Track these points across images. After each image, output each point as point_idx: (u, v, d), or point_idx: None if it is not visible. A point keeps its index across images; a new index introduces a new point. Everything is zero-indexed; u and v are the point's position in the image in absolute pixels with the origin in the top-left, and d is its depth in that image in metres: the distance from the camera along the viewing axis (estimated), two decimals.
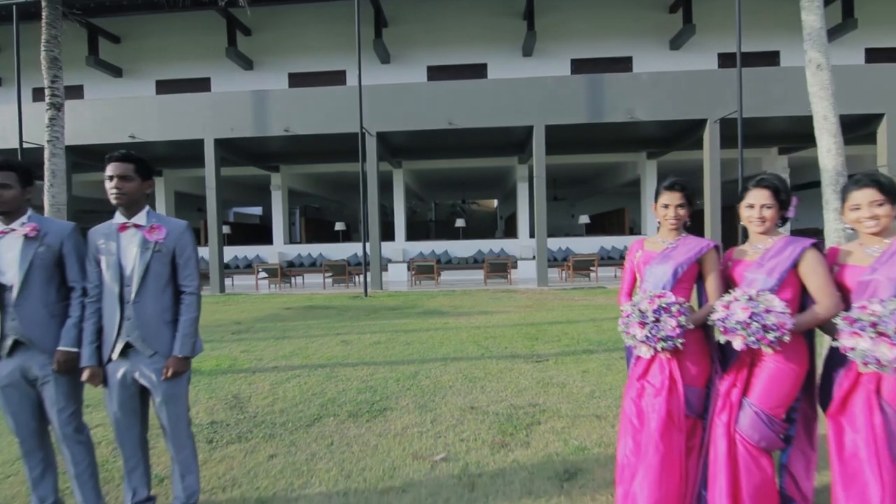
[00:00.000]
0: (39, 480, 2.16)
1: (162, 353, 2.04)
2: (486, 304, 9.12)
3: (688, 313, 1.91)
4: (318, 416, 3.49)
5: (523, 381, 4.21)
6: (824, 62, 4.26)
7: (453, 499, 2.37)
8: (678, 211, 2.08)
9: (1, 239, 2.02)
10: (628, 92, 11.57)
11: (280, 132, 11.90)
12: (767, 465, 1.88)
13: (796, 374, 1.86)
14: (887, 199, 1.76)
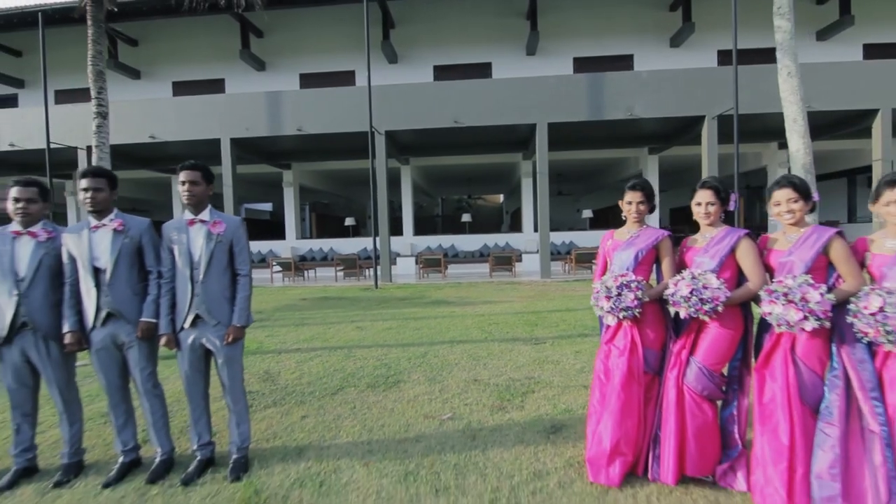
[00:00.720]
0: (123, 428, 2.68)
1: (223, 322, 2.54)
2: (490, 295, 9.60)
3: (644, 289, 2.37)
4: (340, 387, 4.00)
5: (521, 360, 4.69)
6: (794, 69, 4.64)
7: (458, 447, 2.86)
8: (639, 207, 2.54)
9: (94, 232, 2.53)
10: (628, 90, 11.93)
11: (293, 131, 12.40)
12: (709, 410, 2.35)
13: (732, 338, 2.32)
14: (801, 196, 2.22)
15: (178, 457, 2.76)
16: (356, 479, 2.52)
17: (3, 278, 2.48)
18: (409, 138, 13.48)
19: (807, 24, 14.65)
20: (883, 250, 2.10)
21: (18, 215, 2.54)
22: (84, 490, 2.49)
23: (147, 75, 16.25)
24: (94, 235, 2.53)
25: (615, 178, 19.33)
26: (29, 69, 16.38)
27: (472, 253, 15.66)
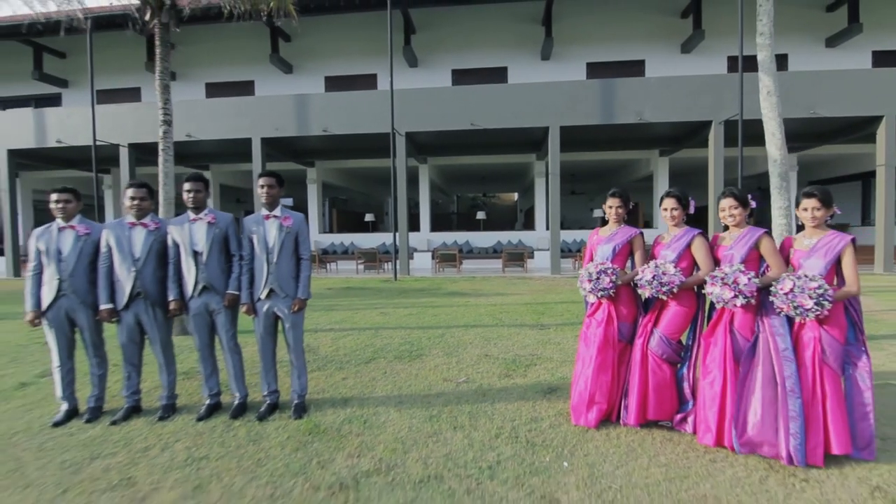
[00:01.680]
0: (210, 377, 3.43)
1: (290, 295, 3.27)
2: (502, 288, 10.27)
3: (618, 275, 3.04)
4: (372, 358, 4.73)
5: (527, 341, 5.38)
6: (774, 89, 5.21)
7: (471, 400, 3.56)
8: (618, 210, 3.20)
9: (193, 224, 3.28)
10: (638, 95, 12.46)
11: (319, 132, 13.19)
12: (667, 370, 3.01)
13: (686, 314, 2.98)
14: (740, 204, 2.86)
15: (250, 403, 3.50)
16: (392, 419, 3.24)
17: (124, 259, 3.24)
18: (427, 139, 14.19)
19: (816, 31, 15.01)
20: (801, 246, 2.75)
21: (133, 210, 3.30)
22: (182, 423, 3.25)
23: (182, 77, 17.19)
24: (193, 226, 3.28)
25: (627, 179, 19.81)
26: (72, 70, 17.46)
27: (486, 249, 16.33)
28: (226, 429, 3.14)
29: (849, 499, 2.24)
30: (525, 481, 2.43)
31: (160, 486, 2.46)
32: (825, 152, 15.82)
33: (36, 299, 3.26)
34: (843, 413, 2.55)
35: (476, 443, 2.87)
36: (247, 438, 2.99)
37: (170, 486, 2.45)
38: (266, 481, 2.48)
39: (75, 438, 3.05)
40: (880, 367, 4.30)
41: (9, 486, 2.49)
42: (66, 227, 3.28)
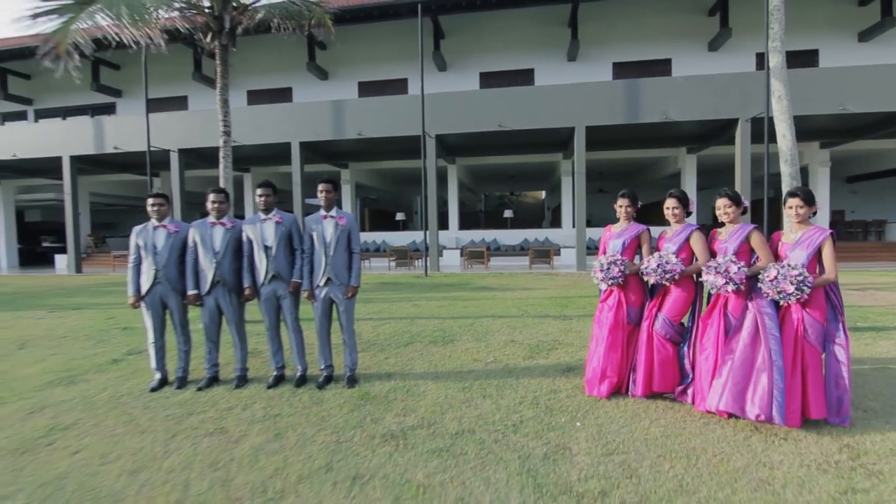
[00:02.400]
0: (276, 353, 4.05)
1: (344, 283, 3.84)
2: (528, 283, 10.71)
3: (626, 265, 3.49)
4: (409, 342, 5.29)
5: (550, 329, 5.84)
6: (784, 93, 5.48)
7: (498, 376, 4.07)
8: (627, 209, 3.65)
9: (264, 223, 3.90)
10: (664, 95, 12.65)
11: (354, 135, 13.88)
12: (670, 349, 3.44)
13: (686, 299, 3.41)
14: (734, 203, 3.27)
15: (308, 376, 4.11)
16: (430, 389, 3.78)
17: (206, 252, 3.88)
18: (456, 141, 14.71)
19: (848, 25, 14.80)
20: (787, 240, 3.15)
21: (214, 211, 3.94)
22: (255, 390, 3.88)
23: None
24: (264, 225, 3.89)
25: (655, 177, 19.85)
26: (125, 80, 18.74)
27: (513, 247, 16.75)
28: (292, 395, 3.75)
29: (819, 452, 2.65)
30: (543, 435, 2.93)
31: (247, 433, 3.07)
32: (859, 147, 15.57)
33: (136, 286, 3.93)
34: (821, 383, 2.95)
35: (502, 407, 3.38)
36: (310, 402, 3.58)
37: (255, 434, 3.05)
38: (331, 431, 3.05)
39: (171, 400, 3.71)
40: (885, 353, 4.58)
41: (128, 433, 3.14)
42: (159, 226, 3.95)
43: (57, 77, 6.34)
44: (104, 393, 3.91)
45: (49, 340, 5.93)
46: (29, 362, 4.94)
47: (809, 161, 16.18)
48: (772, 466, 2.50)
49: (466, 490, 2.33)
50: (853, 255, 15.31)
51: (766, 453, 2.65)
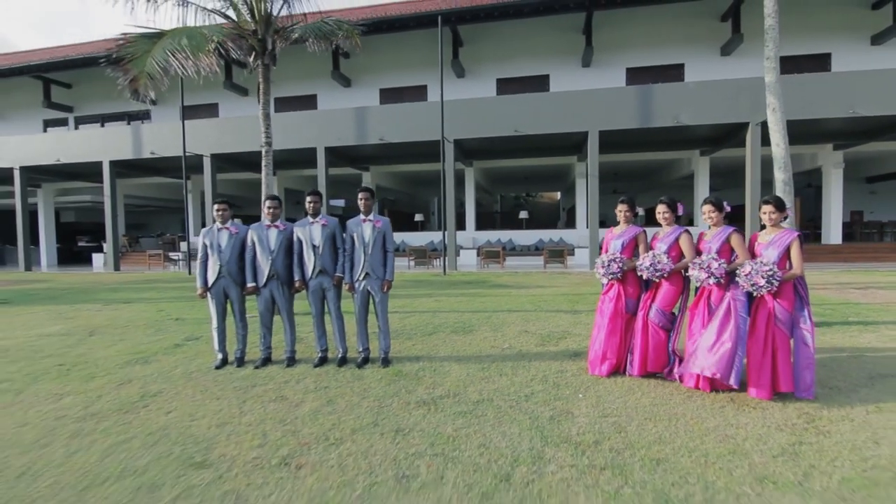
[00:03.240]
0: (320, 337, 4.70)
1: (380, 277, 4.47)
2: (542, 281, 11.25)
3: (624, 263, 4.04)
4: (433, 332, 5.91)
5: (561, 321, 6.40)
6: (778, 106, 5.91)
7: (513, 360, 4.65)
8: (626, 213, 4.20)
9: (312, 226, 4.54)
10: (675, 100, 13.06)
11: (376, 140, 14.57)
12: (663, 335, 3.99)
13: (676, 291, 3.95)
14: (717, 209, 3.81)
15: (348, 357, 4.74)
16: (453, 369, 4.39)
17: (263, 251, 4.55)
18: (473, 145, 15.30)
19: (861, 29, 14.98)
20: (762, 241, 3.68)
21: (269, 215, 4.61)
22: (304, 368, 4.52)
23: (253, 93, 19.11)
24: (312, 227, 4.54)
25: (670, 178, 20.15)
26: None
27: (529, 247, 17.26)
28: (336, 372, 4.38)
29: (781, 418, 3.18)
30: (550, 403, 3.51)
31: (304, 400, 3.71)
32: (876, 148, 15.71)
33: (204, 279, 4.61)
34: (788, 362, 3.47)
35: (516, 383, 3.97)
36: (352, 377, 4.22)
37: (311, 400, 3.69)
38: (373, 399, 3.68)
39: (234, 376, 4.38)
40: (865, 344, 5.04)
41: (206, 399, 3.80)
42: (223, 228, 4.63)
43: (129, 98, 7.03)
44: (177, 370, 4.60)
45: (113, 329, 6.69)
46: (103, 346, 5.68)
47: (823, 162, 16.38)
48: (738, 426, 3.05)
49: (487, 439, 2.93)
50: (867, 256, 15.48)
51: (735, 417, 3.19)
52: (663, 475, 2.46)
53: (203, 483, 2.49)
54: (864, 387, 3.75)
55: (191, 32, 6.23)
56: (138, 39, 6.47)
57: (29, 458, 2.84)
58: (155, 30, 6.48)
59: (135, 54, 6.42)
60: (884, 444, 2.77)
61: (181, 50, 6.19)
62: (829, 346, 5.00)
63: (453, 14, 14.58)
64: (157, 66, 6.38)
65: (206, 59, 6.42)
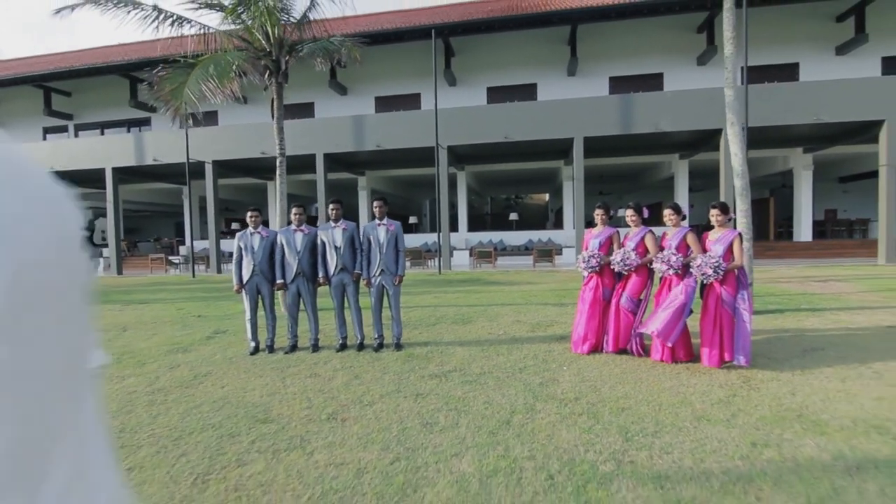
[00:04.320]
0: (340, 326, 5.42)
1: (394, 273, 5.20)
2: (532, 279, 12.04)
3: (601, 258, 4.82)
4: (435, 323, 6.65)
5: (549, 313, 7.18)
6: (736, 120, 6.74)
7: (508, 343, 5.41)
8: (602, 217, 4.99)
9: (334, 229, 5.26)
10: (655, 108, 13.95)
11: (373, 147, 15.29)
12: (631, 317, 4.77)
13: (642, 281, 4.74)
14: (676, 213, 4.60)
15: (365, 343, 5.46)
16: (457, 351, 5.14)
17: (291, 251, 5.26)
18: (466, 150, 16.07)
19: (826, 40, 16.03)
20: (712, 238, 4.48)
21: (296, 221, 5.32)
22: (328, 353, 5.24)
23: (252, 101, 19.73)
24: (334, 231, 5.26)
25: (652, 180, 21.10)
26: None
27: (519, 247, 18.07)
28: (356, 355, 5.11)
29: (724, 379, 3.97)
30: (540, 374, 4.27)
31: (335, 376, 4.43)
32: (844, 151, 16.75)
33: (239, 277, 5.30)
34: (732, 336, 4.27)
35: (511, 360, 4.73)
36: (371, 359, 4.95)
37: (341, 376, 4.41)
38: (393, 374, 4.41)
39: (268, 360, 5.08)
40: (809, 325, 5.88)
41: (251, 377, 4.50)
42: (255, 232, 5.33)
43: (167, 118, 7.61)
44: (216, 356, 5.29)
45: (143, 325, 7.34)
46: (140, 339, 6.33)
47: (794, 165, 17.41)
48: (688, 386, 3.83)
49: (489, 399, 3.68)
50: (835, 252, 16.51)
51: (688, 380, 3.98)
52: (626, 417, 3.23)
53: (271, 432, 3.21)
54: (797, 357, 4.57)
55: (217, 60, 6.92)
56: (174, 72, 7.13)
57: (120, 420, 3.53)
58: (189, 59, 7.14)
59: (172, 84, 7.07)
60: (798, 395, 3.57)
61: (210, 78, 6.87)
62: (777, 327, 5.83)
63: (446, 27, 15.37)
64: (192, 96, 7.05)
65: (230, 85, 7.10)
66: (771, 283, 10.14)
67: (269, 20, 7.13)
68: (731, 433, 2.95)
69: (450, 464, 2.65)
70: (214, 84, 7.00)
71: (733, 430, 3.00)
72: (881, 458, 2.61)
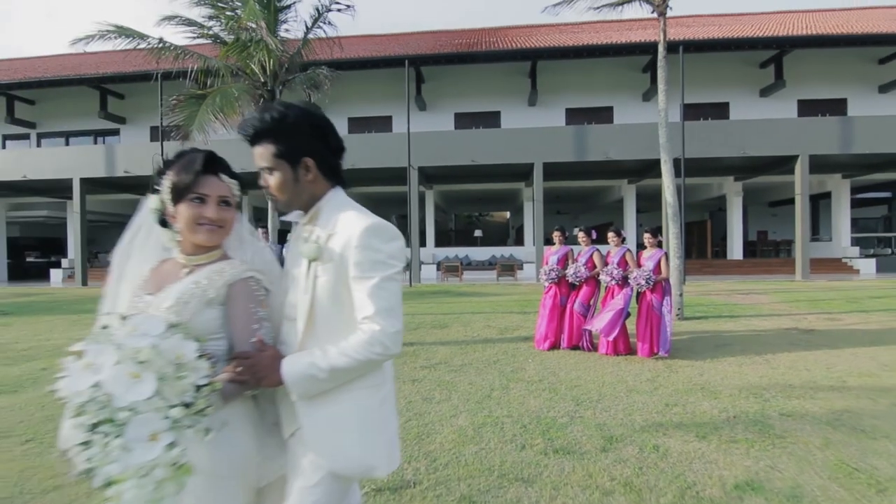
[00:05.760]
0: None
1: None
2: (497, 291, 13.14)
3: (558, 271, 5.91)
4: (416, 327, 7.56)
5: (514, 319, 8.23)
6: (667, 158, 8.12)
7: (481, 343, 6.39)
8: (559, 237, 6.09)
9: None
10: (606, 138, 15.54)
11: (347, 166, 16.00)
12: (582, 319, 5.87)
13: (591, 291, 5.87)
14: (617, 235, 5.77)
15: None
16: (440, 349, 6.07)
17: None
18: (434, 171, 17.16)
19: (752, 83, 18.27)
20: (645, 256, 5.65)
21: None
22: None
23: None
24: None
25: (604, 202, 22.88)
26: (130, 109, 20.34)
27: (483, 262, 19.23)
28: None
29: (653, 366, 5.09)
30: (511, 364, 5.26)
31: None
32: (771, 179, 18.93)
33: None
34: (659, 334, 5.43)
35: (486, 355, 5.71)
36: None
37: None
38: None
39: None
40: (725, 328, 7.18)
41: None
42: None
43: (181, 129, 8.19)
44: None
45: None
46: None
47: (727, 191, 19.49)
48: (626, 370, 4.93)
49: (473, 381, 4.63)
50: (762, 270, 18.56)
51: (625, 367, 5.08)
52: (577, 391, 4.27)
53: None
54: (710, 351, 5.78)
55: (223, 93, 7.66)
56: (187, 100, 7.81)
57: None
58: (200, 91, 7.84)
59: (184, 112, 7.76)
60: (705, 375, 4.73)
61: (218, 110, 7.61)
62: (700, 330, 7.11)
63: (418, 58, 16.52)
64: (203, 125, 7.75)
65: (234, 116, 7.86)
66: (703, 295, 11.64)
67: (268, 56, 7.95)
68: (653, 399, 4.04)
69: (450, 421, 3.59)
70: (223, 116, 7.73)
71: (654, 397, 4.08)
72: (751, 411, 3.74)
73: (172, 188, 1.25)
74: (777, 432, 3.29)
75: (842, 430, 3.32)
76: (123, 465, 0.91)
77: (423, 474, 2.75)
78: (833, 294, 11.53)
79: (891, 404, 3.87)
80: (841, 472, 2.72)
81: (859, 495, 2.47)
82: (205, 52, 8.77)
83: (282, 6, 8.71)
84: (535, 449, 3.06)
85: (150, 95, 18.12)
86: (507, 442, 3.19)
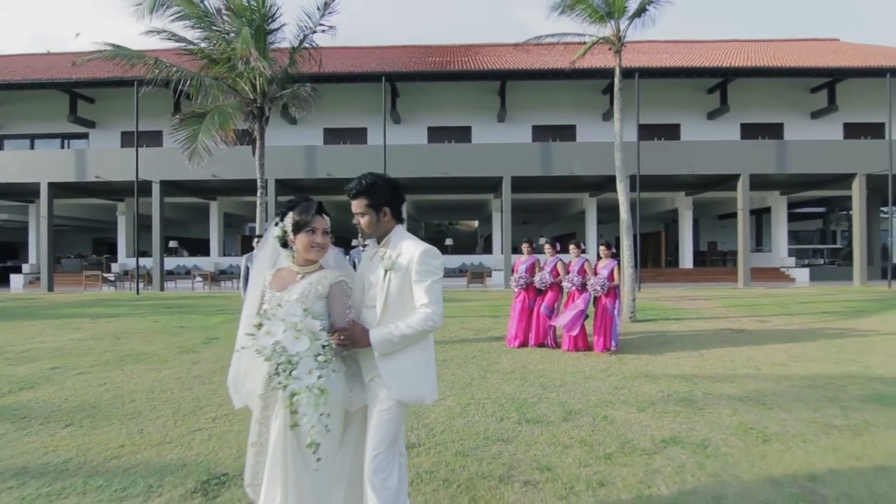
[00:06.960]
0: None
1: None
2: (468, 297, 13.94)
3: (526, 279, 6.75)
4: None
5: (487, 322, 9.03)
6: (624, 180, 9.18)
7: (460, 343, 7.14)
8: (528, 249, 6.95)
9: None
10: (569, 155, 16.69)
11: (323, 175, 16.64)
12: (547, 320, 6.72)
13: (554, 295, 6.74)
14: (577, 247, 6.66)
15: None
16: None
17: None
18: (407, 182, 17.86)
19: (700, 107, 19.92)
20: (601, 265, 6.56)
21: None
22: None
23: None
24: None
25: (567, 213, 24.15)
26: (100, 113, 20.16)
27: (453, 269, 20.01)
28: None
29: (606, 359, 5.96)
30: (486, 359, 6.04)
31: None
32: (718, 195, 20.58)
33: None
34: (610, 331, 6.33)
35: (463, 353, 6.46)
36: None
37: None
38: None
39: None
40: (671, 329, 8.19)
41: None
42: None
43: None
44: (227, 352, 6.52)
45: (132, 335, 8.21)
46: (142, 345, 7.30)
47: (679, 205, 21.03)
48: (584, 363, 5.78)
49: (455, 373, 5.38)
50: (710, 278, 20.11)
51: (584, 360, 5.94)
52: (543, 378, 5.08)
53: None
54: (656, 347, 6.73)
55: (220, 111, 8.19)
56: (190, 117, 8.28)
57: (191, 392, 4.81)
58: (200, 110, 8.32)
59: (187, 129, 8.24)
60: (649, 366, 5.63)
61: (217, 127, 8.13)
62: (649, 330, 8.09)
63: (394, 75, 17.29)
64: (205, 141, 8.24)
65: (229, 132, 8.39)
66: (655, 300, 12.79)
67: (259, 77, 8.53)
68: (605, 384, 4.89)
69: (440, 403, 4.32)
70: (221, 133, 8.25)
71: (606, 382, 4.94)
72: (681, 392, 4.63)
73: (294, 223, 1.96)
74: (699, 406, 4.18)
75: (748, 404, 4.24)
76: (298, 385, 1.63)
77: (425, 438, 3.47)
78: (767, 300, 12.91)
79: (790, 385, 4.85)
80: (740, 430, 3.60)
81: (750, 444, 3.35)
82: (193, 69, 9.25)
83: (270, 29, 9.30)
84: (511, 420, 3.84)
85: (122, 100, 18.18)
86: (488, 416, 3.95)
